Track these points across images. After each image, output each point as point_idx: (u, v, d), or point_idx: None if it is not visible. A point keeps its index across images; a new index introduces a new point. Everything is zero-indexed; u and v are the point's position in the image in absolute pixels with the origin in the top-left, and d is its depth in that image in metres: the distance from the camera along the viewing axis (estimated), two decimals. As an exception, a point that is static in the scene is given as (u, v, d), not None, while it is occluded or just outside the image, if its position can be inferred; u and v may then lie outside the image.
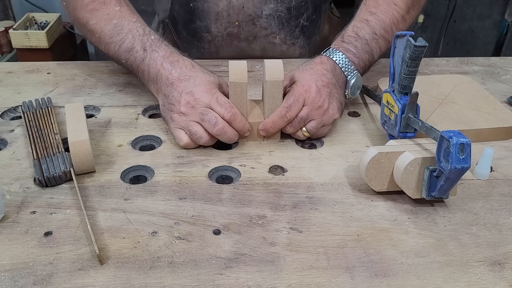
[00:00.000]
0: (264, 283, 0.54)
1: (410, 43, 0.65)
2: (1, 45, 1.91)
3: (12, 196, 0.66)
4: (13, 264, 0.55)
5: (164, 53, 0.79)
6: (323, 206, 0.65)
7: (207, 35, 1.04)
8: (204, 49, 1.07)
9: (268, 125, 0.76)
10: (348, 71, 0.81)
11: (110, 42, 0.83)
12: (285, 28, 1.04)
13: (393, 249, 0.59)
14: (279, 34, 1.04)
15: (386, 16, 0.86)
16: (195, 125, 0.74)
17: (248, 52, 1.07)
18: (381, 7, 0.87)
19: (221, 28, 1.03)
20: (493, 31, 2.23)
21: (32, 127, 0.76)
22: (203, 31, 1.04)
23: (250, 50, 1.06)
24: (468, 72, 1.02)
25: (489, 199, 0.67)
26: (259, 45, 1.05)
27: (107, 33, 0.83)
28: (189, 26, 1.04)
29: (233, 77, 0.73)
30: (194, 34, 1.05)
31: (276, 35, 1.04)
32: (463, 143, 0.57)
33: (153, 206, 0.65)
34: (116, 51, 0.82)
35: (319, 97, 0.75)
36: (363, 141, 0.79)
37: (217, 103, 0.73)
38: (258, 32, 1.03)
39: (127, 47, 0.81)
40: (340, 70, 0.81)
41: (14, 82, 0.95)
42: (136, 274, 0.55)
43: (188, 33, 1.06)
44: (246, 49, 1.06)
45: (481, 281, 0.55)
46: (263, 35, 1.04)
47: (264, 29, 1.03)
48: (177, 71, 0.77)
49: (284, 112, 0.74)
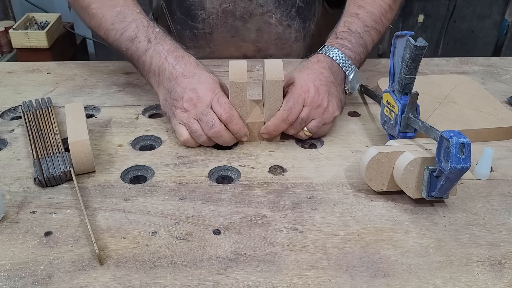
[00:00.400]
0: (264, 283, 0.54)
1: (410, 43, 0.65)
2: (1, 45, 1.91)
3: (12, 196, 0.66)
4: (13, 264, 0.55)
5: (169, 47, 0.79)
6: (323, 206, 0.65)
7: (201, 12, 1.02)
8: (198, 30, 1.05)
9: (271, 128, 0.76)
10: (346, 67, 0.82)
11: (111, 29, 0.82)
12: (281, 7, 1.03)
13: (393, 249, 0.59)
14: (275, 13, 1.03)
15: (374, 7, 0.87)
16: (196, 122, 0.74)
17: (243, 32, 1.05)
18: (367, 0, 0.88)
19: (216, 4, 1.01)
20: (493, 31, 2.23)
21: (32, 127, 0.76)
22: (197, 8, 1.02)
23: (245, 30, 1.04)
24: (468, 72, 1.02)
25: (489, 199, 0.67)
26: (254, 24, 1.04)
27: (108, 19, 0.83)
28: (184, 3, 1.03)
29: (233, 77, 0.73)
30: (188, 13, 1.04)
31: (272, 14, 1.03)
32: (463, 143, 0.57)
33: (153, 206, 0.65)
34: (117, 39, 0.82)
35: (318, 96, 0.75)
36: (363, 141, 0.79)
37: (217, 102, 0.73)
38: (253, 9, 1.02)
39: (130, 36, 0.81)
40: (338, 66, 0.81)
41: (14, 82, 0.95)
42: (136, 274, 0.55)
43: (182, 12, 1.04)
44: (241, 29, 1.04)
45: (481, 281, 0.55)
46: (259, 13, 1.02)
47: (260, 6, 1.02)
48: (181, 66, 0.77)
49: (286, 115, 0.74)
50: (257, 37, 1.05)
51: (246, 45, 1.07)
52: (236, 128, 0.74)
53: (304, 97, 0.75)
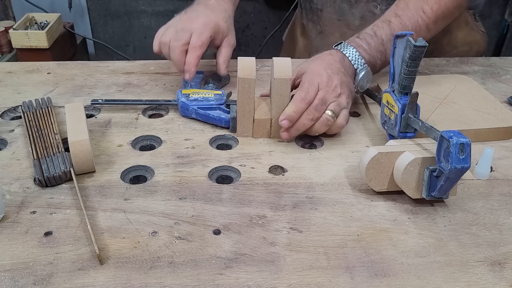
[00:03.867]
0: (264, 283, 0.54)
1: (410, 43, 0.65)
2: (1, 45, 1.90)
3: (12, 196, 0.66)
4: (13, 264, 0.55)
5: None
6: (323, 206, 0.65)
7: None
8: (313, 4, 1.12)
9: (291, 110, 0.74)
10: (357, 64, 0.82)
11: None
12: None
13: (393, 249, 0.59)
14: (380, 4, 1.03)
15: (410, 21, 0.86)
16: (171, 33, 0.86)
17: (348, 17, 1.07)
18: (409, 11, 0.86)
19: None
20: (493, 31, 2.23)
21: (32, 127, 0.76)
22: None
23: (350, 15, 1.07)
24: (468, 72, 1.02)
25: (489, 199, 0.67)
26: (359, 11, 1.06)
27: None
28: None
29: (241, 73, 0.74)
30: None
31: (377, 3, 1.04)
32: (463, 143, 0.57)
33: (153, 206, 0.65)
34: None
35: (331, 82, 0.76)
36: (363, 141, 0.79)
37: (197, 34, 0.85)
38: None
39: None
40: (349, 62, 0.82)
41: (14, 82, 0.95)
42: (136, 274, 0.55)
43: None
44: (347, 12, 1.07)
45: (481, 281, 0.55)
46: (365, 0, 1.04)
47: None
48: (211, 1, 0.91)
49: (304, 95, 0.74)
50: (360, 25, 1.05)
51: (350, 33, 1.06)
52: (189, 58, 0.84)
53: (319, 81, 0.75)
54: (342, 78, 0.78)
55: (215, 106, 0.82)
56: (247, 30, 2.00)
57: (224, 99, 0.83)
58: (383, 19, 0.87)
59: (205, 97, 0.84)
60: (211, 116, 0.81)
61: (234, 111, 0.79)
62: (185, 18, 0.88)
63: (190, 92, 0.85)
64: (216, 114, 0.81)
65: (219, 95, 0.84)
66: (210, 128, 0.82)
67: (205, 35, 0.85)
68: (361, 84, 0.83)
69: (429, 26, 0.87)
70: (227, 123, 0.81)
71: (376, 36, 0.84)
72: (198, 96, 0.84)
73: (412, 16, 0.86)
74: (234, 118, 0.79)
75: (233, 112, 0.79)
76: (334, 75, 0.77)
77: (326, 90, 0.75)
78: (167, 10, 1.95)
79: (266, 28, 1.95)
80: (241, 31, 1.99)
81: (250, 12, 1.95)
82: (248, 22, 1.98)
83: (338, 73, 0.78)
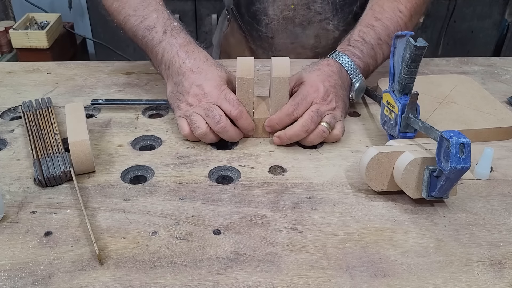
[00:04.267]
0: (264, 283, 0.54)
1: (410, 43, 0.65)
2: (1, 45, 1.91)
3: (12, 196, 0.66)
4: (13, 264, 0.55)
5: (182, 41, 0.81)
6: (323, 206, 0.65)
7: (264, 18, 1.08)
8: (262, 33, 1.11)
9: (274, 121, 0.76)
10: (354, 75, 0.83)
11: (132, 15, 0.85)
12: (339, 14, 1.05)
13: (393, 249, 0.59)
14: (332, 20, 1.06)
15: (390, 22, 0.87)
16: (197, 116, 0.74)
17: (302, 39, 1.09)
18: (387, 13, 0.88)
19: (278, 11, 1.06)
20: (493, 31, 2.23)
21: (32, 127, 0.76)
22: (261, 14, 1.08)
23: (304, 36, 1.08)
24: (468, 72, 1.02)
25: (489, 199, 0.67)
26: (313, 31, 1.07)
27: (132, 5, 0.85)
28: (250, 8, 1.09)
29: (240, 73, 0.74)
30: (254, 17, 1.09)
31: (329, 21, 1.06)
32: (463, 143, 0.57)
33: (153, 206, 0.65)
34: (136, 26, 0.84)
35: (327, 96, 0.76)
36: (363, 141, 0.79)
37: (225, 99, 0.74)
38: (312, 17, 1.05)
39: (149, 24, 0.83)
40: (346, 73, 0.82)
41: (14, 82, 0.95)
42: (136, 274, 0.55)
43: (249, 15, 1.10)
44: (301, 35, 1.08)
45: (481, 281, 0.55)
46: (317, 20, 1.06)
47: (318, 14, 1.05)
48: (190, 61, 0.78)
49: (292, 110, 0.75)
50: (315, 43, 1.09)
51: (305, 52, 1.11)
52: (245, 124, 0.75)
53: (313, 96, 0.76)
54: (338, 91, 0.79)
55: None
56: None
57: None
58: (366, 24, 0.87)
59: None
60: None
61: None
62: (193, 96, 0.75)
63: None
64: None
65: None
66: (210, 128, 0.82)
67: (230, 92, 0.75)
68: (357, 94, 0.84)
69: (407, 24, 0.90)
70: None
71: (365, 42, 0.85)
72: None
73: (391, 17, 0.88)
74: None
75: None
76: (331, 88, 0.77)
77: (321, 104, 0.75)
78: (167, 10, 1.95)
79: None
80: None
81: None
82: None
83: (335, 86, 0.78)
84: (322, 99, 0.76)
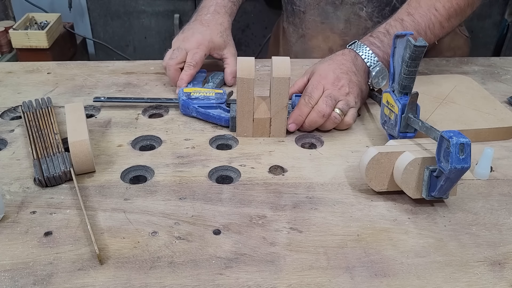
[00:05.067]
0: (264, 283, 0.54)
1: (410, 43, 0.65)
2: (1, 45, 1.90)
3: (12, 196, 0.66)
4: (13, 264, 0.55)
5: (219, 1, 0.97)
6: (323, 206, 0.65)
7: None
8: (295, 6, 1.11)
9: (297, 114, 0.78)
10: (371, 61, 0.82)
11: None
12: (374, 2, 1.02)
13: (393, 249, 0.59)
14: (366, 6, 1.03)
15: (422, 19, 0.86)
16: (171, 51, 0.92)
17: (332, 20, 1.06)
18: (421, 9, 0.87)
19: None
20: (493, 31, 2.23)
21: (32, 127, 0.76)
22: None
23: (334, 17, 1.06)
24: (468, 72, 1.02)
25: (489, 199, 0.67)
26: (344, 13, 1.05)
27: None
28: None
29: (240, 73, 0.74)
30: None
31: (363, 6, 1.03)
32: (463, 143, 0.57)
33: (153, 206, 0.65)
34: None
35: (338, 81, 0.78)
36: (363, 141, 0.79)
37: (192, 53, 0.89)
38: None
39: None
40: (362, 60, 0.82)
41: (14, 82, 0.95)
42: (136, 274, 0.55)
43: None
44: (331, 15, 1.06)
45: (481, 281, 0.55)
46: (350, 2, 1.03)
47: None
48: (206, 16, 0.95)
49: (307, 99, 0.77)
50: (345, 28, 1.06)
51: (334, 36, 1.08)
52: (182, 75, 0.89)
53: (324, 83, 0.77)
54: (352, 77, 0.79)
55: (216, 105, 0.83)
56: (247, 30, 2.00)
57: (225, 98, 0.84)
58: (395, 18, 0.87)
59: (206, 96, 0.84)
60: (211, 115, 0.81)
61: (234, 110, 0.79)
62: (181, 37, 0.93)
63: (192, 90, 0.85)
64: (216, 113, 0.81)
65: (220, 94, 0.85)
66: (210, 128, 0.82)
67: (199, 54, 0.90)
68: (376, 81, 0.83)
69: (442, 23, 0.88)
70: (226, 122, 0.81)
71: (389, 34, 0.85)
72: (199, 95, 0.84)
73: (424, 14, 0.86)
74: (234, 118, 0.79)
75: (233, 111, 0.80)
76: (343, 74, 0.78)
77: (333, 89, 0.77)
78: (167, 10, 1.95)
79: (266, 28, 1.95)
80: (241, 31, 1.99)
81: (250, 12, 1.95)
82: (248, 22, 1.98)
83: (348, 72, 0.79)
84: (332, 84, 0.77)
